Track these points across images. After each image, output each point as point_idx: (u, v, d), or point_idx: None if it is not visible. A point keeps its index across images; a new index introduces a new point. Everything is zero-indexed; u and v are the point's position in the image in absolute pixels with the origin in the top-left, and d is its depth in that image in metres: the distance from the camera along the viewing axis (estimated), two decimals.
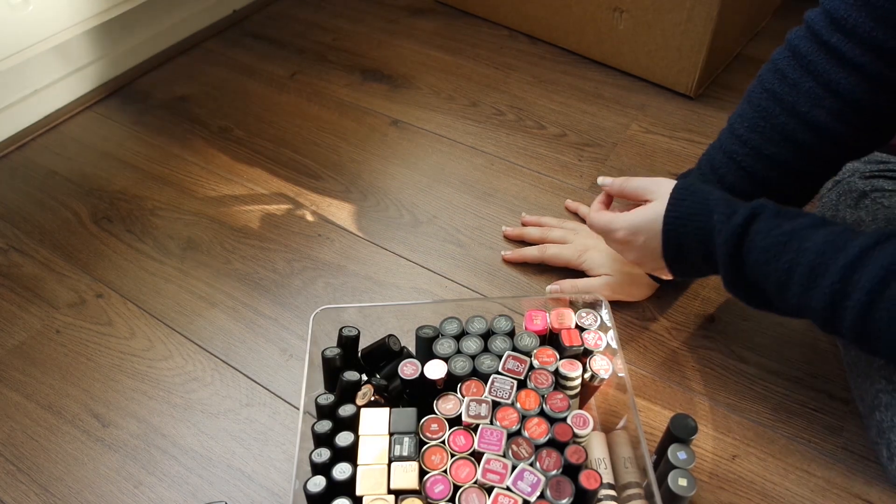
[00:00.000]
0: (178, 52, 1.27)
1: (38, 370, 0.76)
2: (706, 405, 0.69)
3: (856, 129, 0.57)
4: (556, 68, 1.17)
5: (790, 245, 0.50)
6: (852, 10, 0.53)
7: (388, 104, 1.12)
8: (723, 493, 0.63)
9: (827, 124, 0.57)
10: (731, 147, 0.64)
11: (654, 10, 1.03)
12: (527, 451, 0.53)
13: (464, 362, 0.59)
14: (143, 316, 0.81)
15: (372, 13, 1.36)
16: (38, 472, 0.68)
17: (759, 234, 0.52)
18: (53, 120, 1.12)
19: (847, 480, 0.63)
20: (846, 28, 0.54)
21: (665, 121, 1.05)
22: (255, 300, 0.82)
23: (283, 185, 0.98)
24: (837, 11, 0.54)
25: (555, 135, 1.04)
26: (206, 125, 1.10)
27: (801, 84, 0.58)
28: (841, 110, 0.56)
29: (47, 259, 0.89)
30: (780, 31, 0.62)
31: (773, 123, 0.60)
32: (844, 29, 0.54)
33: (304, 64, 1.22)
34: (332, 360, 0.61)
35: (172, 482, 0.66)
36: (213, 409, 0.72)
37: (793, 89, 0.59)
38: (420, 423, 0.56)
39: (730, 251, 0.53)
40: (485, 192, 0.95)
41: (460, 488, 0.52)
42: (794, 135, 0.59)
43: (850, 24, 0.53)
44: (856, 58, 0.54)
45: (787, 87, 0.59)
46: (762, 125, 0.61)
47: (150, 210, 0.95)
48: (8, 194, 0.99)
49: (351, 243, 0.89)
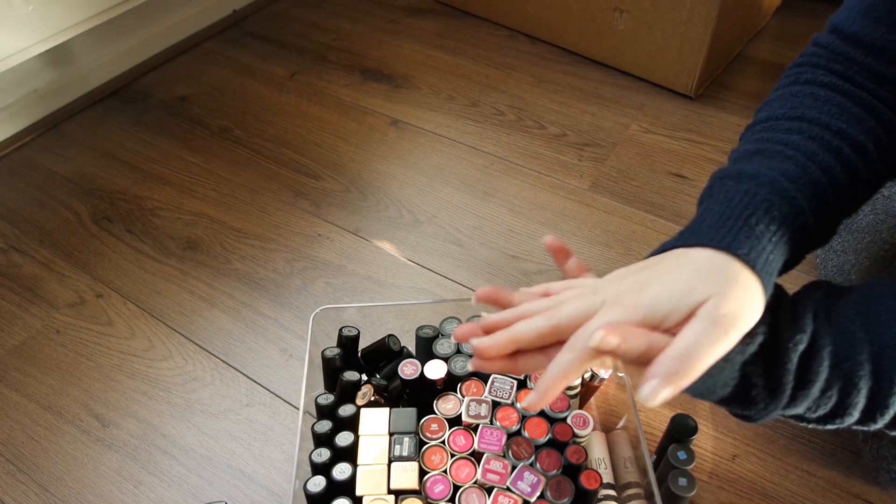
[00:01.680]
0: (178, 52, 1.27)
1: (38, 370, 0.76)
2: (706, 405, 0.69)
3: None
4: (556, 68, 1.17)
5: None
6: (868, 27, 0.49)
7: (388, 104, 1.12)
8: (723, 493, 0.63)
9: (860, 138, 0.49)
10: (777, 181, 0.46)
11: (654, 10, 1.03)
12: (527, 451, 0.53)
13: (464, 362, 0.59)
14: (143, 316, 0.81)
15: (372, 13, 1.36)
16: (38, 471, 0.68)
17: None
18: (53, 120, 1.12)
19: (847, 480, 0.63)
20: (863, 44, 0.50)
21: (665, 121, 1.05)
22: (255, 300, 0.82)
23: (283, 185, 0.98)
24: (850, 28, 0.50)
25: (555, 135, 1.04)
26: (206, 125, 1.10)
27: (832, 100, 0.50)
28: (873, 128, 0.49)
29: (47, 259, 0.89)
30: (780, 31, 0.62)
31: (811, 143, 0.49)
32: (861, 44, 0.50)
33: (304, 64, 1.22)
34: (332, 360, 0.61)
35: (172, 482, 0.66)
36: (213, 409, 0.72)
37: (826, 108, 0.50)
38: (420, 423, 0.56)
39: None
40: (485, 192, 0.95)
41: (460, 488, 0.52)
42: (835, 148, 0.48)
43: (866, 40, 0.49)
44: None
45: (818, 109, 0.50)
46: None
47: (150, 210, 0.95)
48: (8, 194, 0.99)
49: (351, 243, 0.89)
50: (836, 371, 0.38)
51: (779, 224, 0.41)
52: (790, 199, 0.42)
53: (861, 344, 0.38)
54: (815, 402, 0.39)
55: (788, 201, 0.42)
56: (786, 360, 0.38)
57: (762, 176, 0.43)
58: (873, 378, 0.38)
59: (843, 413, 0.39)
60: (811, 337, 0.38)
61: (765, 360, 0.38)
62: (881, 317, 0.39)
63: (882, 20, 0.48)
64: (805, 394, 0.38)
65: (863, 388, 0.38)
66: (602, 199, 0.93)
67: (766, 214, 0.41)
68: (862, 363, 0.38)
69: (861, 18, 0.49)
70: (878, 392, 0.38)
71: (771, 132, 0.49)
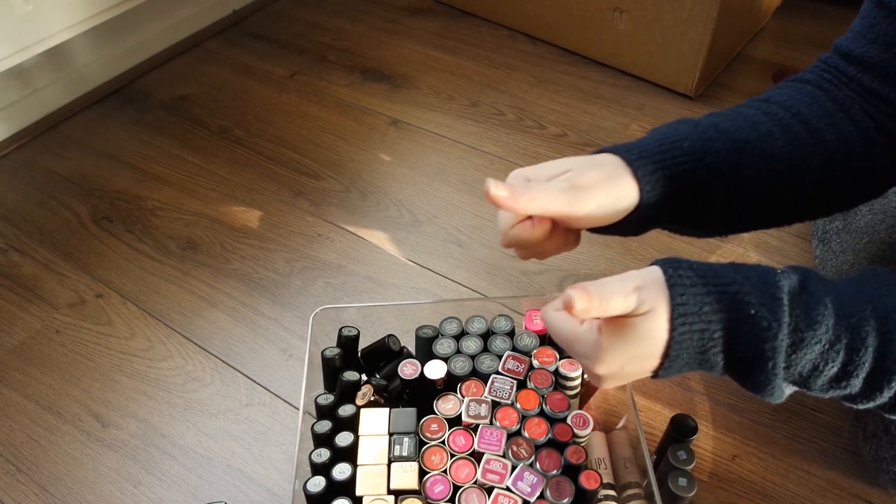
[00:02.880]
0: (178, 52, 1.27)
1: (38, 370, 0.76)
2: (706, 405, 0.69)
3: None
4: (556, 68, 1.17)
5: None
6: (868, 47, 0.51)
7: (388, 104, 1.12)
8: (723, 493, 0.63)
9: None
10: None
11: (654, 10, 1.03)
12: (527, 451, 0.53)
13: (464, 362, 0.59)
14: (143, 316, 0.81)
15: (372, 13, 1.36)
16: (38, 472, 0.68)
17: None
18: (53, 120, 1.12)
19: (847, 480, 0.63)
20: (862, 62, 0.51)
21: (665, 121, 1.04)
22: (255, 300, 0.82)
23: (283, 185, 0.98)
24: (852, 48, 0.52)
25: (555, 135, 1.04)
26: (206, 125, 1.10)
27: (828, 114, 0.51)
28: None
29: (47, 259, 0.89)
30: (780, 31, 0.62)
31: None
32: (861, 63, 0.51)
33: (304, 64, 1.22)
34: (332, 360, 0.61)
35: (172, 482, 0.66)
36: (213, 409, 0.72)
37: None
38: (420, 423, 0.56)
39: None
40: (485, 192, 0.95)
41: (460, 488, 0.52)
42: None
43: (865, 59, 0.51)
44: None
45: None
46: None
47: (150, 210, 0.95)
48: (8, 194, 0.99)
49: (351, 243, 0.89)
50: (841, 322, 0.39)
51: (679, 153, 0.47)
52: (705, 141, 0.48)
53: (863, 303, 0.39)
54: (823, 354, 0.39)
55: (703, 142, 0.47)
56: (777, 287, 0.39)
57: (698, 122, 0.50)
58: (879, 337, 0.38)
59: (852, 373, 0.39)
60: (811, 294, 0.39)
61: (759, 290, 0.39)
62: (881, 288, 0.40)
63: (878, 39, 0.50)
64: (812, 336, 0.38)
65: (870, 345, 0.38)
66: None
67: (672, 145, 0.47)
68: (867, 318, 0.39)
69: (859, 38, 0.52)
70: (886, 354, 0.38)
71: (737, 107, 0.53)
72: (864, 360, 0.39)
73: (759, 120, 0.50)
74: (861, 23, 0.52)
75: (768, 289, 0.39)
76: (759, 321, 0.38)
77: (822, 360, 0.39)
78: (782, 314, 0.38)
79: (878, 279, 0.41)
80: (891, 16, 0.49)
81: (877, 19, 0.50)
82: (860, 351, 0.39)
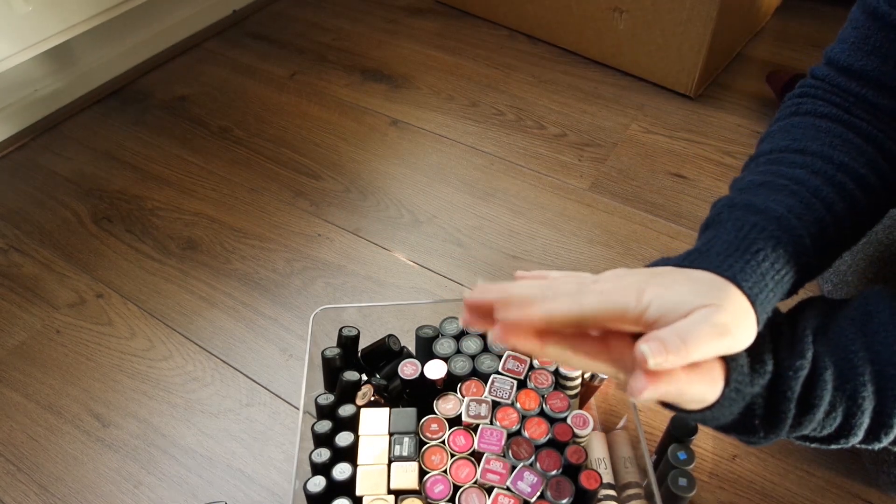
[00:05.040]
0: (178, 52, 1.27)
1: (38, 370, 0.76)
2: None
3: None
4: (556, 68, 1.17)
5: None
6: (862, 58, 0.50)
7: (388, 104, 1.12)
8: (723, 493, 0.63)
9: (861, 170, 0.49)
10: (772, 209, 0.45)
11: (654, 10, 1.03)
12: (527, 451, 0.53)
13: (464, 362, 0.59)
14: (143, 316, 0.81)
15: (372, 13, 1.36)
16: (38, 471, 0.68)
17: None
18: (53, 120, 1.12)
19: (847, 480, 0.63)
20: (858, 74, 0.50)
21: (665, 121, 1.05)
22: (255, 300, 0.82)
23: (283, 185, 0.98)
24: (845, 61, 0.51)
25: (555, 135, 1.04)
26: (206, 125, 1.10)
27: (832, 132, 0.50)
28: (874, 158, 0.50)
29: (47, 259, 0.89)
30: (780, 31, 0.62)
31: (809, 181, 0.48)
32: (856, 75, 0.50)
33: (304, 64, 1.22)
34: (332, 360, 0.61)
35: (172, 482, 0.66)
36: (213, 409, 0.72)
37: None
38: (420, 423, 0.56)
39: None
40: (485, 192, 0.95)
41: (460, 488, 0.52)
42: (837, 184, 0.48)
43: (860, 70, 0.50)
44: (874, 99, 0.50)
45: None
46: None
47: (150, 210, 0.95)
48: (8, 194, 0.99)
49: (351, 243, 0.89)
50: (839, 393, 0.38)
51: (783, 263, 0.41)
52: (797, 238, 0.43)
53: (862, 364, 0.38)
54: (819, 423, 0.39)
55: (795, 240, 0.42)
56: (786, 389, 0.38)
57: (771, 210, 0.43)
58: (876, 397, 0.38)
59: (848, 433, 0.39)
60: (812, 362, 0.38)
61: (767, 389, 0.38)
62: (879, 334, 0.39)
63: (875, 52, 0.49)
64: (809, 418, 0.39)
65: (867, 408, 0.38)
66: (602, 199, 0.93)
67: (773, 251, 0.41)
68: (865, 384, 0.38)
69: (854, 51, 0.50)
70: (882, 411, 0.38)
71: (775, 164, 0.49)
72: (860, 422, 0.39)
73: (818, 187, 0.46)
74: (854, 33, 0.50)
75: (782, 391, 0.39)
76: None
77: (818, 427, 0.40)
78: (789, 415, 0.39)
79: (880, 315, 0.40)
80: (885, 28, 0.48)
81: (870, 31, 0.49)
82: (856, 415, 0.39)
